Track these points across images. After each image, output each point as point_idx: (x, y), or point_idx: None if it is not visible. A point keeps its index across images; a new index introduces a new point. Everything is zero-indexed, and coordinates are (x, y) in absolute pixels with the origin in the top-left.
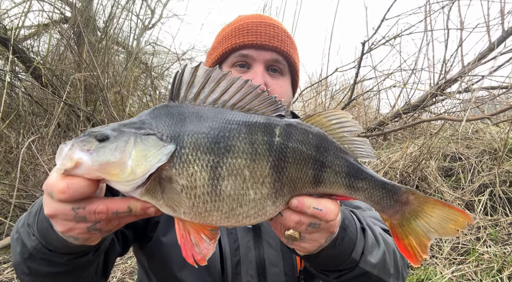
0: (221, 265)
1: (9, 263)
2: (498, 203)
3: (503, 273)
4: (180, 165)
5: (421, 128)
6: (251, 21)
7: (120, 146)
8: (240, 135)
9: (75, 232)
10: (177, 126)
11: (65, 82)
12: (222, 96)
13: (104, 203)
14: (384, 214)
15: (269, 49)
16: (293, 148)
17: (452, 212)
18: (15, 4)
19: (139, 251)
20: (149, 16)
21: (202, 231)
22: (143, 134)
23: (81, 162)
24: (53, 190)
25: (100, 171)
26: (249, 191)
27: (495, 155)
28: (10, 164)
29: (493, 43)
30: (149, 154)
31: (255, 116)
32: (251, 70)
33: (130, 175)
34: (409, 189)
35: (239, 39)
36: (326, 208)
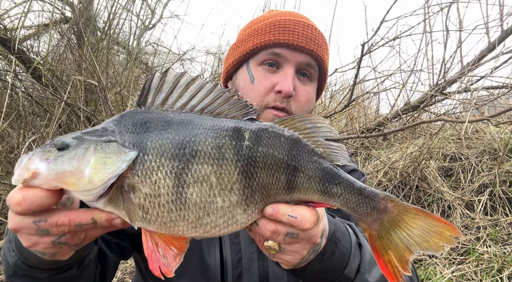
0: (221, 277)
1: None
2: (498, 203)
3: (503, 273)
4: (142, 172)
5: (421, 128)
6: (288, 18)
7: (78, 154)
8: (206, 140)
9: (40, 247)
10: (141, 133)
11: (65, 83)
12: (190, 101)
13: (66, 215)
14: (362, 223)
15: (304, 51)
16: (263, 152)
17: (436, 223)
18: (15, 5)
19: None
20: (149, 17)
21: (170, 242)
22: (103, 141)
23: (38, 172)
24: (10, 203)
25: (57, 180)
26: (216, 198)
27: (495, 155)
28: (11, 164)
29: (493, 43)
30: (108, 162)
31: (223, 120)
32: (280, 70)
33: (88, 184)
34: (388, 196)
35: (273, 36)
36: (301, 215)
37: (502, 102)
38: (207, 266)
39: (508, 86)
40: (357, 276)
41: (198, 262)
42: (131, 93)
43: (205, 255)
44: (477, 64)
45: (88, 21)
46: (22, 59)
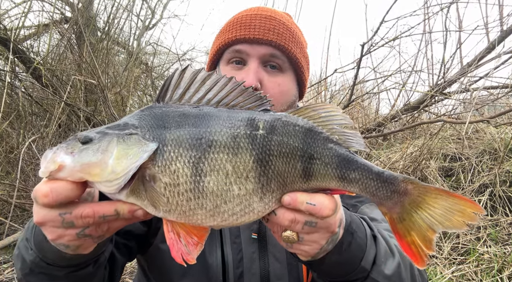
0: (223, 277)
1: (9, 263)
2: (498, 203)
3: (503, 273)
4: (162, 163)
5: (421, 128)
6: (246, 14)
7: (102, 146)
8: (222, 130)
9: (65, 239)
10: (160, 126)
11: (65, 83)
12: (206, 95)
13: (90, 207)
14: (382, 207)
15: (263, 43)
16: (278, 141)
17: (458, 201)
18: (15, 5)
19: (140, 256)
20: (150, 17)
21: (191, 231)
22: (125, 134)
23: (64, 164)
24: (37, 195)
25: (82, 172)
26: (232, 186)
27: (495, 155)
28: (11, 164)
29: (492, 43)
30: (130, 153)
31: (238, 111)
32: (245, 66)
33: (111, 174)
34: (407, 178)
35: (231, 34)
36: (320, 203)
37: (502, 102)
38: (209, 266)
39: (508, 86)
40: (373, 268)
41: (200, 262)
42: (131, 93)
43: (207, 255)
44: (477, 64)
45: (88, 21)
46: (22, 59)
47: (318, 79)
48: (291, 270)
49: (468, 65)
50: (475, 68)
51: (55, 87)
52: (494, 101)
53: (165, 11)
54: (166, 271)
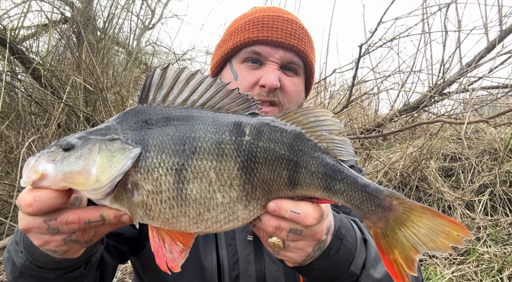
0: (218, 279)
1: None
2: (498, 203)
3: (503, 273)
4: (145, 169)
5: (421, 128)
6: (267, 14)
7: (84, 154)
8: (206, 136)
9: (52, 245)
10: (143, 130)
11: (64, 83)
12: (191, 96)
13: (75, 213)
14: (367, 220)
15: (284, 47)
16: (264, 147)
17: (443, 222)
18: (15, 5)
19: (134, 258)
20: (149, 17)
21: (176, 237)
22: (107, 140)
23: (46, 173)
24: (21, 204)
25: (65, 181)
26: (216, 194)
27: (495, 155)
28: (11, 163)
29: (492, 43)
30: (114, 160)
31: (224, 115)
32: (263, 66)
33: (96, 183)
34: (392, 193)
35: (252, 34)
36: (304, 211)
37: (502, 102)
38: (204, 269)
39: (507, 86)
40: (363, 272)
41: (196, 265)
42: (131, 93)
43: (202, 257)
44: (476, 64)
45: (87, 21)
46: (22, 60)
47: (317, 79)
48: (287, 272)
49: (468, 65)
50: (474, 68)
51: (55, 87)
52: (492, 101)
53: (165, 10)
54: (162, 274)
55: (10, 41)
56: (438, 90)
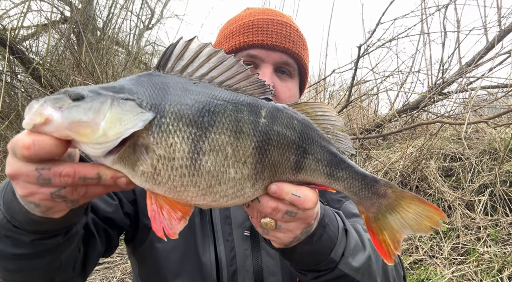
0: (217, 275)
1: None
2: (498, 203)
3: (503, 273)
4: (159, 134)
5: (421, 128)
6: (261, 17)
7: (94, 106)
8: (225, 112)
9: (37, 197)
10: (159, 95)
11: (64, 83)
12: (210, 72)
13: (71, 166)
14: (361, 206)
15: (279, 50)
16: (277, 131)
17: (427, 208)
18: (15, 5)
19: (132, 255)
20: (149, 16)
21: (175, 206)
22: (121, 98)
23: (51, 118)
24: (17, 146)
25: (71, 129)
26: (229, 169)
27: (495, 155)
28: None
29: (491, 43)
30: (125, 118)
31: (242, 95)
32: (258, 70)
33: (102, 136)
34: (388, 183)
35: (247, 38)
36: (304, 195)
37: (501, 102)
38: (203, 265)
39: (507, 86)
40: (342, 259)
41: (194, 261)
42: None
43: (200, 254)
44: (476, 64)
45: (87, 21)
46: (22, 60)
47: (317, 80)
48: (283, 266)
49: (467, 65)
50: (474, 68)
51: (54, 87)
52: (491, 102)
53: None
54: (159, 270)
55: (10, 41)
56: (437, 90)
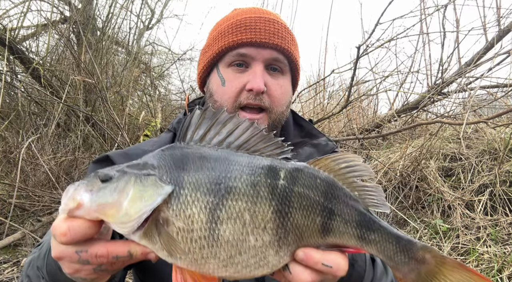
0: None
1: (9, 263)
2: (498, 203)
3: (503, 273)
4: (177, 206)
5: (420, 128)
6: (249, 16)
7: (119, 186)
8: (242, 177)
9: (82, 274)
10: (179, 167)
11: (64, 83)
12: (227, 138)
13: (105, 247)
14: (398, 272)
15: (269, 47)
16: (299, 192)
17: (472, 277)
18: (15, 5)
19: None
20: (149, 16)
21: (199, 279)
22: (143, 174)
23: (82, 203)
24: (56, 233)
25: (98, 211)
26: (249, 236)
27: (495, 155)
28: (10, 163)
29: (490, 43)
30: (145, 195)
31: (259, 158)
32: (249, 69)
33: (124, 216)
34: (425, 246)
35: (236, 37)
36: (336, 264)
37: (501, 102)
38: None
39: (507, 86)
40: None
41: None
42: (130, 93)
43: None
44: (475, 64)
45: (87, 20)
46: (22, 59)
47: (316, 80)
48: None
49: (466, 65)
50: (473, 68)
51: (54, 87)
52: (491, 102)
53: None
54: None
55: (10, 41)
56: (437, 90)
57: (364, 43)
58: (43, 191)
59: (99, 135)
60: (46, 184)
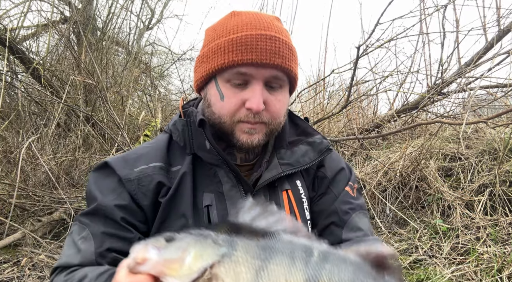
0: None
1: (9, 263)
2: (498, 203)
3: (503, 273)
4: (229, 264)
5: (420, 128)
6: (250, 33)
7: (182, 246)
8: (283, 249)
9: None
10: (233, 234)
11: (64, 83)
12: (274, 224)
13: None
14: None
15: (269, 66)
16: (329, 269)
17: None
18: (15, 5)
19: None
20: (149, 16)
21: None
22: (203, 236)
23: (149, 258)
24: None
25: (164, 266)
26: None
27: (495, 155)
28: (10, 163)
29: (490, 43)
30: (204, 254)
31: (299, 238)
32: (248, 86)
33: (187, 270)
34: None
35: (237, 57)
36: None
37: (501, 102)
38: None
39: (506, 86)
40: None
41: None
42: (130, 93)
43: None
44: (475, 64)
45: (87, 20)
46: (22, 59)
47: (316, 80)
48: None
49: (466, 65)
50: (473, 68)
51: (54, 87)
52: (490, 102)
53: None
54: None
55: (10, 41)
56: (436, 90)
57: (364, 43)
58: (43, 191)
59: (99, 135)
60: (46, 184)
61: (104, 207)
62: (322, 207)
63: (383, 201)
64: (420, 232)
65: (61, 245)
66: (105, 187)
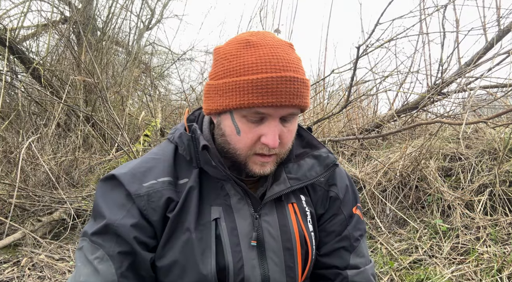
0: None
1: (9, 263)
2: (498, 203)
3: (503, 273)
4: None
5: (420, 128)
6: (270, 76)
7: None
8: None
9: None
10: None
11: (64, 83)
12: None
13: None
14: None
15: (287, 107)
16: None
17: None
18: (15, 5)
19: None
20: (149, 17)
21: None
22: None
23: None
24: None
25: None
26: None
27: (495, 155)
28: (10, 163)
29: (490, 43)
30: None
31: None
32: (265, 121)
33: None
34: None
35: (257, 100)
36: None
37: (500, 101)
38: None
39: (507, 86)
40: None
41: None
42: (131, 93)
43: (201, 267)
44: (475, 64)
45: (87, 20)
46: (22, 59)
47: (316, 80)
48: (288, 272)
49: (466, 65)
50: (473, 68)
51: (55, 87)
52: (490, 102)
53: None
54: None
55: (10, 41)
56: (436, 90)
57: (364, 43)
58: (43, 191)
59: (99, 135)
60: (46, 184)
61: (116, 226)
62: (334, 227)
63: (383, 201)
64: (420, 232)
65: (61, 245)
66: (112, 202)
